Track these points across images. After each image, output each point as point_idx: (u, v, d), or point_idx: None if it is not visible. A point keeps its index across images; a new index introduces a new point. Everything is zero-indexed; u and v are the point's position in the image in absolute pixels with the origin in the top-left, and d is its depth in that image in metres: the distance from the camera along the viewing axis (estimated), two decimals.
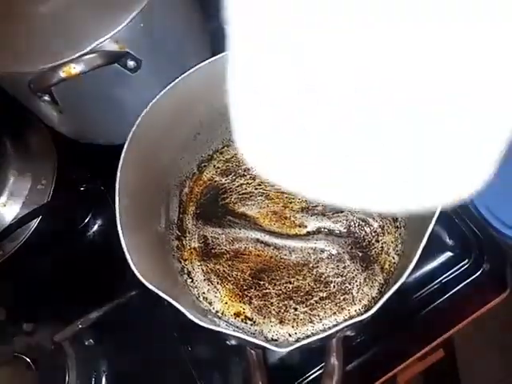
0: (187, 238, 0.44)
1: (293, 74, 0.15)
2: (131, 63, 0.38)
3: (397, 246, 0.40)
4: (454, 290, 0.42)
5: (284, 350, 0.25)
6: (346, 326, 0.26)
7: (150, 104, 0.36)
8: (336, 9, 0.13)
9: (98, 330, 0.47)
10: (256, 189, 0.45)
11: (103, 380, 0.46)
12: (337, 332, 0.26)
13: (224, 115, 0.43)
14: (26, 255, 0.49)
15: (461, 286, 0.41)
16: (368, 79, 0.14)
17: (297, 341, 0.38)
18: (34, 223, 0.50)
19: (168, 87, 0.37)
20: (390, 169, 0.16)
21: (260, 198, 0.44)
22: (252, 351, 0.29)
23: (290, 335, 0.39)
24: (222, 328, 0.26)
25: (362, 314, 0.38)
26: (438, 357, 0.57)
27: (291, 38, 0.14)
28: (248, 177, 0.45)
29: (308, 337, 0.38)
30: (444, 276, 0.42)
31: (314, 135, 0.16)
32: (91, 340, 0.48)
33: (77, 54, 0.34)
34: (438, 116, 0.14)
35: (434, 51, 0.13)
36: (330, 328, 0.38)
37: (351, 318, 0.38)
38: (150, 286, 0.29)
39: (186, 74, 0.37)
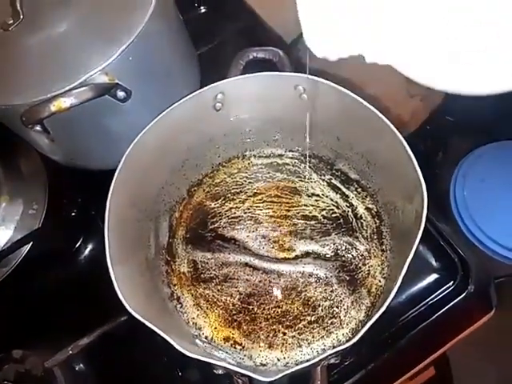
0: (177, 263, 0.44)
1: None
2: (121, 94, 0.39)
3: (383, 269, 0.41)
4: (440, 311, 0.42)
5: (270, 379, 0.26)
6: (331, 354, 0.27)
7: (140, 134, 0.37)
8: None
9: (89, 355, 0.47)
10: (245, 213, 0.45)
11: None
12: (321, 360, 0.27)
13: (213, 141, 0.45)
14: (17, 281, 0.50)
15: (447, 307, 0.42)
16: None
17: (286, 365, 0.39)
18: (25, 248, 0.50)
19: (157, 118, 0.38)
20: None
21: (249, 221, 0.45)
22: (239, 380, 0.29)
23: (278, 360, 0.39)
24: (208, 358, 0.27)
25: (349, 339, 0.39)
26: (430, 375, 0.57)
27: None
28: (237, 201, 0.46)
29: (296, 362, 0.38)
30: (431, 298, 0.43)
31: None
32: (81, 365, 0.47)
33: (67, 88, 0.35)
34: None
35: None
36: (318, 353, 0.39)
37: (339, 341, 0.39)
38: (140, 319, 0.30)
39: (175, 105, 0.38)
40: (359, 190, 0.44)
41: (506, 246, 0.60)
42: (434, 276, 0.43)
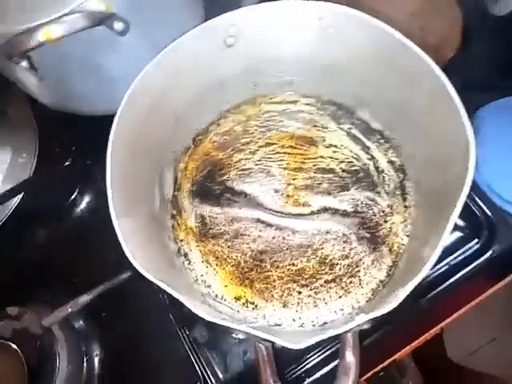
0: (183, 217, 0.41)
1: None
2: (119, 25, 0.34)
3: (406, 226, 0.38)
4: (464, 271, 0.40)
5: (299, 347, 0.23)
6: (368, 320, 0.24)
7: (143, 72, 0.32)
8: None
9: (89, 313, 0.44)
10: (256, 164, 0.42)
11: (96, 363, 0.44)
12: (356, 326, 0.24)
13: (221, 83, 0.40)
14: (8, 234, 0.46)
15: (471, 266, 0.40)
16: None
17: (301, 325, 0.37)
18: (16, 200, 0.47)
19: (162, 53, 0.33)
20: None
21: (261, 174, 0.41)
22: (261, 345, 0.27)
23: (293, 320, 0.37)
24: (229, 322, 0.24)
25: (369, 299, 0.37)
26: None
27: None
28: (247, 151, 0.42)
29: (313, 322, 0.36)
30: (453, 256, 0.40)
31: None
32: (81, 322, 0.45)
33: (58, 14, 0.30)
34: None
35: None
36: (336, 313, 0.37)
37: (358, 301, 0.37)
38: (149, 276, 0.27)
39: (181, 39, 0.33)
40: (381, 141, 0.41)
41: None
42: (457, 234, 0.41)
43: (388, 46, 0.32)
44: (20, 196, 0.46)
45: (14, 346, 0.40)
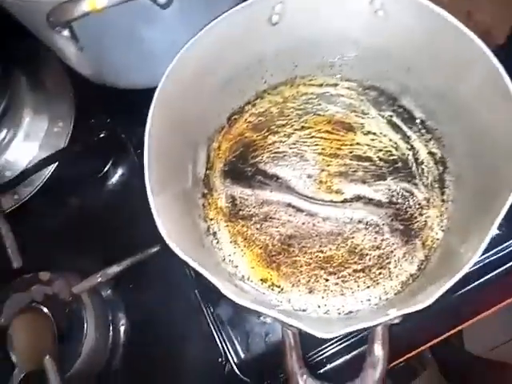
0: (214, 197, 0.41)
1: None
2: None
3: (442, 221, 0.37)
4: (496, 271, 0.39)
5: (330, 336, 0.23)
6: (401, 315, 0.24)
7: (185, 47, 0.32)
8: None
9: (117, 283, 0.45)
10: (290, 148, 0.41)
11: (121, 333, 0.45)
12: (389, 320, 0.24)
13: (262, 62, 0.39)
14: (42, 202, 0.47)
15: (504, 266, 0.39)
16: None
17: (326, 312, 0.37)
18: (51, 169, 0.48)
19: (205, 29, 0.32)
20: None
21: (294, 158, 0.41)
22: (288, 331, 0.27)
23: (319, 306, 0.37)
24: (260, 307, 0.24)
25: (398, 291, 0.36)
26: None
27: None
28: (282, 134, 0.41)
29: (338, 310, 0.36)
30: (487, 255, 0.39)
31: None
32: (109, 292, 0.46)
33: None
34: None
35: None
36: (362, 303, 0.36)
37: (386, 293, 0.36)
38: (179, 253, 0.27)
39: (225, 15, 0.32)
40: (423, 131, 0.39)
41: None
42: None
43: (439, 29, 0.31)
44: (55, 165, 0.47)
45: (46, 310, 0.41)
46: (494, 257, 0.39)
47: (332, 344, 0.39)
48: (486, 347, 1.11)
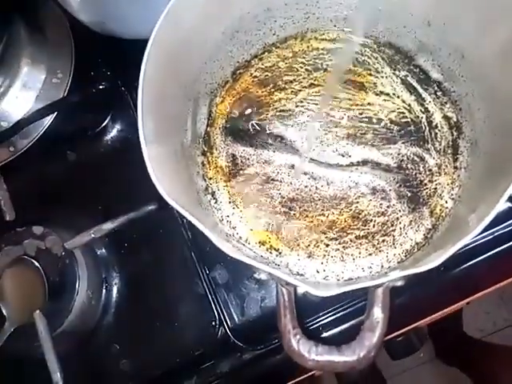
0: (214, 155, 0.39)
1: None
2: None
3: (453, 189, 0.35)
4: (504, 245, 0.37)
5: (327, 294, 0.21)
6: (404, 276, 0.22)
7: None
8: None
9: (112, 241, 0.44)
10: (297, 106, 0.39)
11: (114, 291, 0.44)
12: (389, 281, 0.22)
13: (271, 11, 0.37)
14: (39, 154, 0.46)
15: None
16: None
17: (325, 278, 0.35)
18: (49, 120, 0.46)
19: None
20: None
21: (301, 117, 0.39)
22: (283, 289, 0.26)
23: (317, 271, 0.35)
24: (256, 261, 0.23)
25: (401, 260, 0.35)
26: None
27: None
28: (289, 91, 0.39)
29: (338, 276, 0.35)
30: (497, 228, 0.37)
31: None
32: (103, 250, 0.45)
33: None
34: None
35: None
36: (363, 270, 0.35)
37: (388, 261, 0.35)
38: (176, 206, 0.25)
39: None
40: (439, 93, 0.37)
41: None
42: (507, 204, 0.37)
43: None
44: (53, 116, 0.45)
45: (37, 264, 0.40)
46: (504, 230, 0.37)
47: (329, 312, 0.38)
48: (484, 332, 1.10)
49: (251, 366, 0.39)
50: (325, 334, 0.38)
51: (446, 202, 0.35)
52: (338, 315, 0.38)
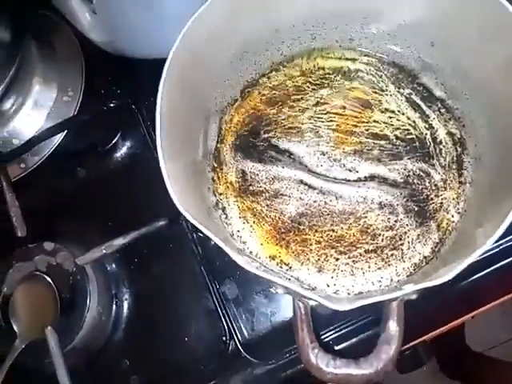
0: (224, 171, 0.40)
1: None
2: None
3: (458, 203, 0.36)
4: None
5: (344, 308, 0.22)
6: (418, 290, 0.23)
7: (201, 9, 0.30)
8: None
9: (122, 257, 0.45)
10: (304, 124, 0.40)
11: (124, 307, 0.45)
12: (404, 294, 0.23)
13: (279, 32, 0.38)
14: (49, 171, 0.47)
15: None
16: None
17: (335, 292, 0.36)
18: (59, 138, 0.47)
19: None
20: None
21: (308, 134, 0.40)
22: (300, 304, 0.26)
23: (328, 285, 0.36)
24: (273, 276, 0.23)
25: (410, 273, 0.35)
26: None
27: None
28: (297, 109, 0.40)
29: (348, 291, 0.35)
30: (503, 241, 0.38)
31: None
32: (114, 265, 0.46)
33: None
34: None
35: None
36: (373, 284, 0.35)
37: (397, 275, 0.35)
38: (193, 220, 0.26)
39: None
40: (442, 110, 0.38)
41: None
42: None
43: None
44: (63, 134, 0.46)
45: (49, 279, 0.40)
46: (510, 243, 0.38)
47: (342, 325, 0.39)
48: (486, 345, 1.10)
49: (263, 380, 0.39)
50: (338, 347, 0.38)
51: (453, 216, 0.36)
52: (348, 329, 0.38)
